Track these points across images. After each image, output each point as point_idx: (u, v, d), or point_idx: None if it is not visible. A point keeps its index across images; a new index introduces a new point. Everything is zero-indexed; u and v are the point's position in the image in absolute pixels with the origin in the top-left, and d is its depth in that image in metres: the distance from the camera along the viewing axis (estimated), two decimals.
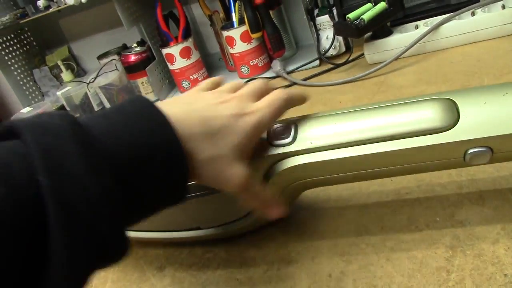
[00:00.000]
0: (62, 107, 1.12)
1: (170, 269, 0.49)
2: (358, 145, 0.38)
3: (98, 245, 0.26)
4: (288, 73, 0.92)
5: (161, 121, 0.30)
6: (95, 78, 1.06)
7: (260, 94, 0.39)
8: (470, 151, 0.35)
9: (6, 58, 1.15)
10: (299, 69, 0.93)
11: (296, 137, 0.40)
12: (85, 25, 1.23)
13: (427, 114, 0.37)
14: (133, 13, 1.02)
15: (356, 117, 0.40)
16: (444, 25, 0.77)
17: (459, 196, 0.44)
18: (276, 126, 0.41)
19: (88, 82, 1.07)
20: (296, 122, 0.41)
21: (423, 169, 0.39)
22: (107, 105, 1.10)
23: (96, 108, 1.12)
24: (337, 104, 0.73)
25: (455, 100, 0.37)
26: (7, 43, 1.16)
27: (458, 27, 0.77)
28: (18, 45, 1.20)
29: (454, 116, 0.36)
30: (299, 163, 0.39)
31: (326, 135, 0.39)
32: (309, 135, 0.40)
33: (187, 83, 1.04)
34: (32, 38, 1.25)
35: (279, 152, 0.40)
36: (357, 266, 0.40)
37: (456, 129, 0.35)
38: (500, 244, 0.37)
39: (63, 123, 0.27)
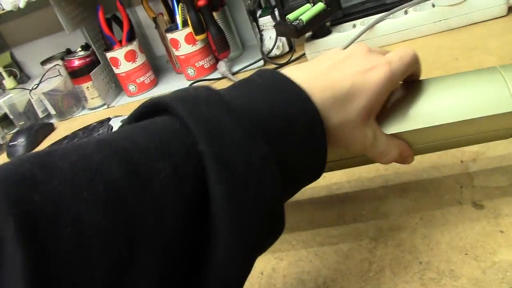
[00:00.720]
0: (5, 116, 1.09)
1: None
2: None
3: (264, 216, 0.25)
4: (234, 73, 0.93)
5: (296, 92, 0.29)
6: (37, 84, 1.04)
7: (386, 52, 0.36)
8: None
9: None
10: (245, 69, 0.94)
11: None
12: (28, 30, 1.19)
13: None
14: (75, 17, 1.00)
15: None
16: (379, 23, 0.80)
17: (385, 190, 0.46)
18: None
19: (30, 88, 1.04)
20: None
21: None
22: (52, 111, 1.07)
23: (41, 115, 1.09)
24: None
25: None
26: None
27: (392, 25, 0.80)
28: None
29: None
30: None
31: None
32: None
33: (133, 86, 1.03)
34: None
35: None
36: (287, 263, 0.42)
37: None
38: (418, 234, 0.39)
39: (211, 94, 0.27)
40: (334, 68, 0.33)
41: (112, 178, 0.21)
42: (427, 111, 0.35)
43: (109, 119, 0.49)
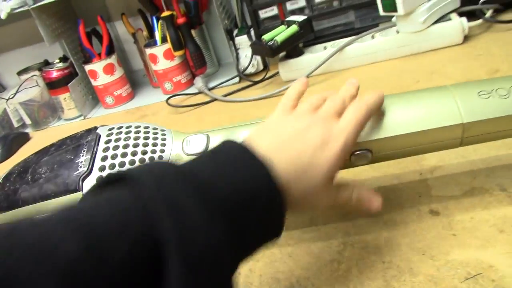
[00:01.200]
0: None
1: None
2: None
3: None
4: (210, 89, 0.97)
5: (260, 168, 0.31)
6: (14, 94, 1.05)
7: (343, 108, 0.39)
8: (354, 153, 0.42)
9: None
10: (220, 85, 0.98)
11: None
12: (5, 40, 1.20)
13: None
14: (55, 30, 1.02)
15: None
16: (348, 46, 0.86)
17: None
18: None
19: (7, 98, 1.05)
20: None
21: None
22: (28, 121, 1.08)
23: (16, 125, 1.10)
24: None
25: None
26: None
27: (360, 48, 0.86)
28: None
29: None
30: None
31: None
32: None
33: (110, 99, 1.06)
34: None
35: None
36: (263, 263, 0.45)
37: None
38: (381, 237, 0.44)
39: (177, 172, 0.27)
40: (296, 139, 0.35)
41: (71, 255, 0.22)
42: (387, 123, 0.41)
43: (96, 128, 0.52)
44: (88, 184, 0.46)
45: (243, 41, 0.97)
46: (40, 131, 1.08)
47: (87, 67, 1.03)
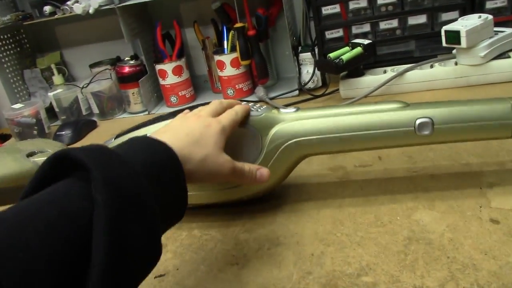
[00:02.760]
0: (49, 108, 1.18)
1: (171, 247, 0.57)
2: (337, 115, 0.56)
3: (143, 234, 0.33)
4: (271, 99, 1.03)
5: (164, 147, 0.41)
6: (88, 84, 1.13)
7: (218, 113, 0.53)
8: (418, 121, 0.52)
9: (1, 55, 1.20)
10: (280, 96, 1.05)
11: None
12: (80, 34, 1.30)
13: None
14: (133, 29, 1.11)
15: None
16: (408, 72, 0.91)
17: (415, 203, 0.55)
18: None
19: (82, 86, 1.13)
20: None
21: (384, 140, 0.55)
22: (95, 110, 1.16)
23: (84, 112, 1.18)
24: None
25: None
26: (4, 42, 1.22)
27: (419, 75, 0.91)
28: (13, 45, 1.25)
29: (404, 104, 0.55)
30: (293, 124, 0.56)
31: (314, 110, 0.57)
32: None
33: (175, 98, 1.13)
34: (26, 40, 1.30)
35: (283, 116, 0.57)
36: (334, 249, 0.50)
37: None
38: (445, 237, 0.48)
39: (111, 152, 0.36)
40: (185, 125, 0.49)
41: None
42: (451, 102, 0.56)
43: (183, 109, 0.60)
44: None
45: (306, 57, 1.04)
46: (106, 121, 1.16)
47: (158, 67, 1.11)
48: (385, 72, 0.96)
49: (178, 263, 0.53)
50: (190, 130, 0.47)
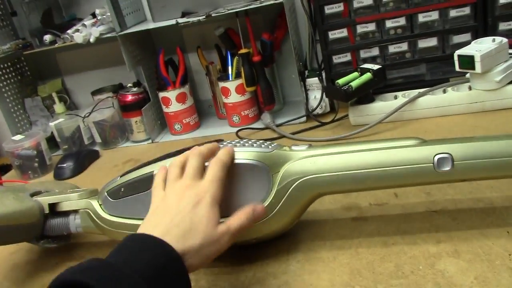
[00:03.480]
0: (51, 138, 1.15)
1: None
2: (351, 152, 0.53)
3: None
4: (278, 125, 1.00)
5: (164, 249, 0.42)
6: (90, 113, 1.11)
7: (200, 169, 0.51)
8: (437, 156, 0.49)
9: (1, 85, 1.18)
10: (288, 123, 1.01)
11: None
12: (81, 61, 1.28)
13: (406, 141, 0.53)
14: (135, 56, 1.08)
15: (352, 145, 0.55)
16: (420, 98, 0.88)
17: (438, 249, 0.52)
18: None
19: (84, 116, 1.11)
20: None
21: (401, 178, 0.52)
22: (98, 139, 1.14)
23: (86, 142, 1.15)
24: None
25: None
26: (4, 71, 1.19)
27: (431, 101, 0.88)
28: (13, 74, 1.23)
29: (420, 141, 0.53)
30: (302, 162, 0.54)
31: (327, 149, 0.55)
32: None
33: (179, 126, 1.10)
34: (27, 68, 1.28)
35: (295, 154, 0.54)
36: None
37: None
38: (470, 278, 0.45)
39: (112, 268, 0.38)
40: (173, 210, 0.47)
41: None
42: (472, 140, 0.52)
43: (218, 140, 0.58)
44: None
45: (313, 82, 1.01)
46: (109, 150, 1.13)
47: (161, 94, 1.08)
48: (396, 97, 0.92)
49: None
50: (180, 218, 0.46)
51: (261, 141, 0.57)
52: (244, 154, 0.54)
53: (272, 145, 0.56)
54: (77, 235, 0.72)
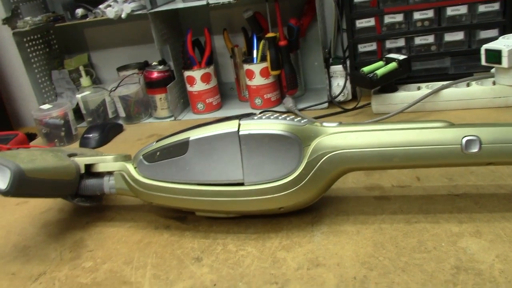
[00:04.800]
0: (77, 110, 1.18)
1: (207, 261, 0.55)
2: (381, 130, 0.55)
3: None
4: (300, 110, 1.02)
5: None
6: (116, 87, 1.13)
7: None
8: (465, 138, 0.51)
9: (30, 55, 1.21)
10: (309, 108, 1.03)
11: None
12: (108, 37, 1.30)
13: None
14: (163, 35, 1.10)
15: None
16: (444, 90, 0.90)
17: (460, 229, 0.53)
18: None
19: (110, 90, 1.13)
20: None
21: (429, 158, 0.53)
22: (122, 114, 1.16)
23: (110, 115, 1.18)
24: None
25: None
26: (33, 42, 1.22)
27: (455, 94, 0.89)
28: (42, 46, 1.25)
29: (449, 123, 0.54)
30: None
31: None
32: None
33: (202, 105, 1.12)
34: (55, 41, 1.31)
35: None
36: (377, 273, 0.49)
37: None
38: (495, 268, 0.47)
39: None
40: None
41: None
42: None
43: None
44: None
45: (337, 70, 1.03)
46: (132, 125, 1.16)
47: (187, 73, 1.10)
48: (419, 88, 0.94)
49: (216, 279, 0.52)
50: None
51: (292, 116, 0.59)
52: (278, 126, 0.56)
53: (304, 120, 0.58)
54: (108, 197, 0.75)
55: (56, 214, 0.74)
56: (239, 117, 0.58)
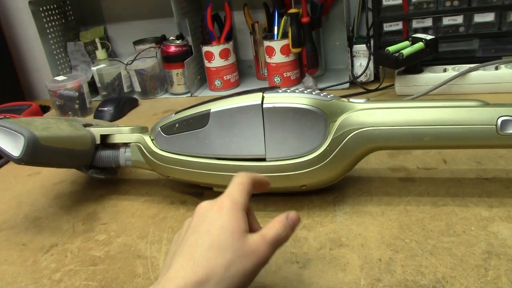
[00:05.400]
0: (92, 83, 1.16)
1: None
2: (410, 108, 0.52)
3: None
4: (320, 89, 0.99)
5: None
6: (132, 61, 1.11)
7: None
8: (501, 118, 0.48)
9: (46, 26, 1.19)
10: (330, 88, 1.01)
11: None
12: (125, 10, 1.28)
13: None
14: (182, 8, 1.08)
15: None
16: (471, 73, 0.86)
17: (490, 213, 0.51)
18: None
19: (126, 63, 1.11)
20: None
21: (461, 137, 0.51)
22: (137, 88, 1.14)
23: (125, 89, 1.16)
24: None
25: None
26: (49, 12, 1.20)
27: (482, 77, 0.86)
28: (58, 16, 1.23)
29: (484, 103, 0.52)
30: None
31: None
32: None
33: (219, 82, 1.10)
34: (71, 12, 1.28)
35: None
36: (403, 256, 0.47)
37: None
38: None
39: None
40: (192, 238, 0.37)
41: None
42: None
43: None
44: None
45: (360, 49, 1.00)
46: (147, 100, 1.14)
47: (205, 48, 1.08)
48: (445, 70, 0.90)
49: None
50: (195, 238, 0.37)
51: (318, 91, 0.57)
52: (303, 100, 0.53)
53: (331, 95, 0.55)
54: (122, 170, 0.74)
55: (69, 186, 0.72)
56: (263, 90, 0.56)
